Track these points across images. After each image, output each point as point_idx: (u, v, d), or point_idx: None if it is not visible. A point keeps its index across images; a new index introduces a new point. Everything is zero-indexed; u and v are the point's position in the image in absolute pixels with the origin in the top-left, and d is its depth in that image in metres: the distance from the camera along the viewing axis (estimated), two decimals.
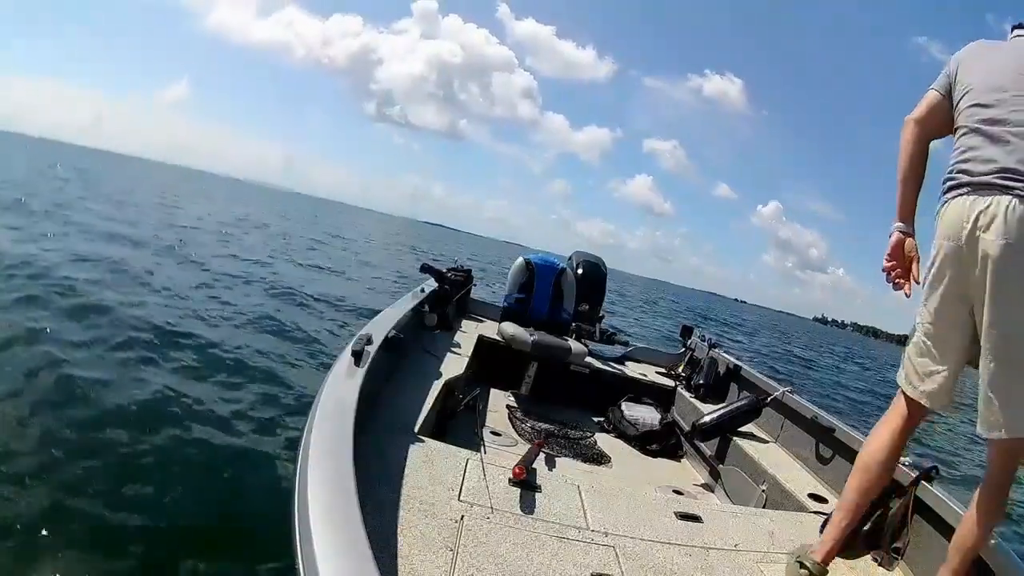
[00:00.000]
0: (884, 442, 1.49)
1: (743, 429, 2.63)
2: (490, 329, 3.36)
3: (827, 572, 1.43)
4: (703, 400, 3.07)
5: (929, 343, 1.41)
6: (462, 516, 1.34)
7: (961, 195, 1.32)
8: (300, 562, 0.84)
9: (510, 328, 3.04)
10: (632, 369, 3.48)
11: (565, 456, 2.42)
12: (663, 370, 3.59)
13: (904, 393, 1.49)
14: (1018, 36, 1.56)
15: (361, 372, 1.52)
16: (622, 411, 2.96)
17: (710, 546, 1.54)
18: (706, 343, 3.46)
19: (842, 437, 2.29)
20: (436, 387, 2.11)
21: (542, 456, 1.97)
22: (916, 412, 1.48)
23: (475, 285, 3.80)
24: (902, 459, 1.91)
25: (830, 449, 2.34)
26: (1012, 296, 1.22)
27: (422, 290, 3.09)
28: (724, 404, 2.78)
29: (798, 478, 2.25)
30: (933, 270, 1.37)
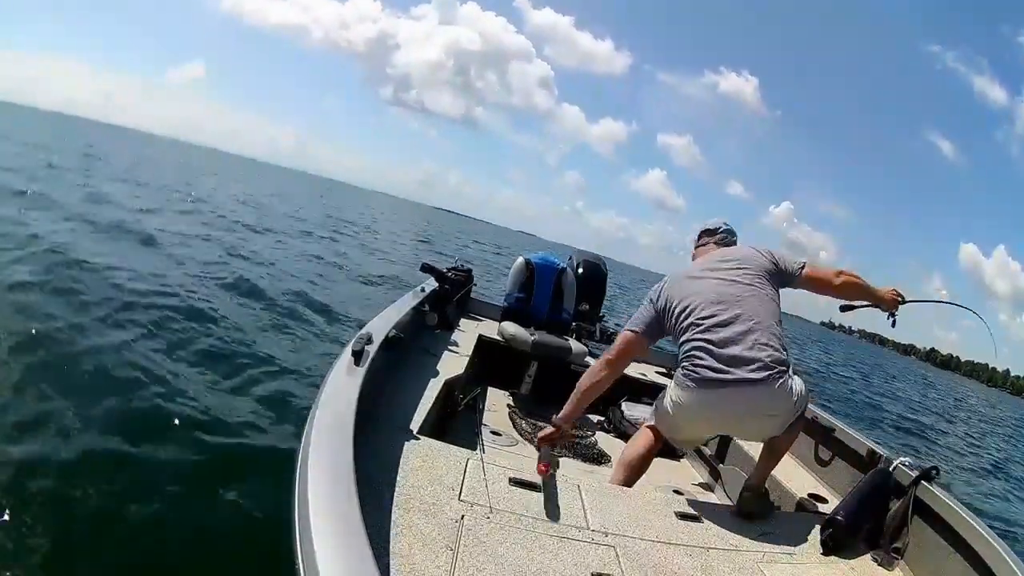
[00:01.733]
0: (641, 451, 1.95)
1: None
2: (490, 329, 3.36)
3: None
4: None
5: (679, 425, 1.89)
6: (462, 516, 1.34)
7: (711, 387, 1.74)
8: (300, 562, 0.84)
9: (510, 328, 3.04)
10: (632, 369, 3.48)
11: (565, 456, 2.42)
12: (663, 370, 3.59)
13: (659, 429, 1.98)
14: (707, 246, 2.11)
15: (361, 372, 1.52)
16: (622, 411, 2.96)
17: (710, 546, 1.54)
18: None
19: (842, 437, 2.29)
20: (436, 387, 2.12)
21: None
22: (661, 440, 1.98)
23: (475, 284, 3.80)
24: (901, 459, 1.91)
25: (830, 450, 2.34)
26: (753, 430, 1.90)
27: (422, 289, 3.08)
28: None
29: (798, 478, 2.25)
30: (691, 408, 1.82)
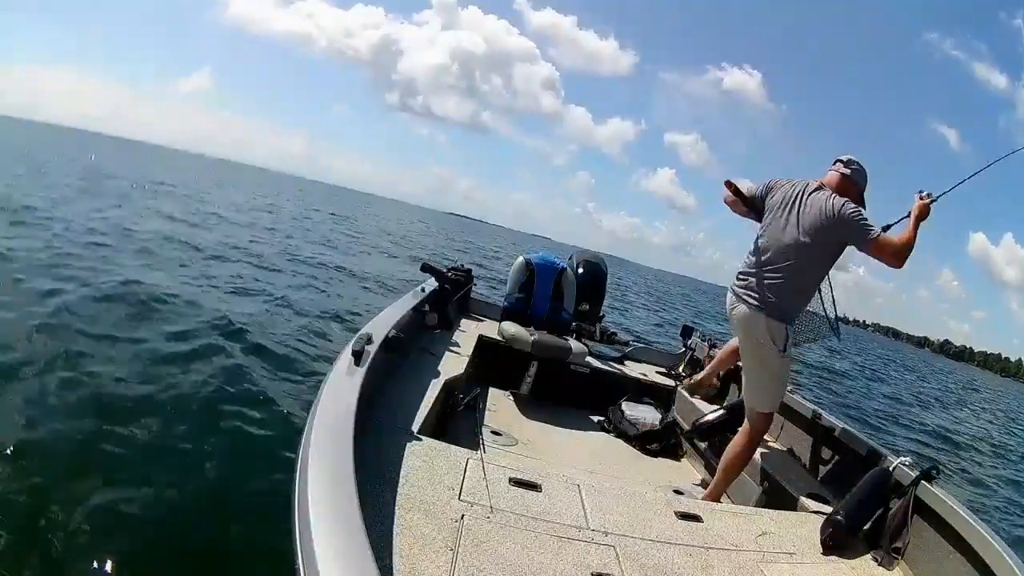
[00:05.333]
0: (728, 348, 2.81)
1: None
2: (490, 329, 3.36)
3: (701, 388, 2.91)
4: (703, 400, 3.07)
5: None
6: (462, 516, 1.34)
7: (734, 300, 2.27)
8: (300, 562, 0.84)
9: (510, 328, 3.04)
10: (632, 369, 3.48)
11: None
12: (663, 370, 3.59)
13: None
14: (829, 173, 2.21)
15: (361, 372, 1.52)
16: (622, 411, 2.96)
17: (710, 546, 1.54)
18: (706, 343, 3.46)
19: (842, 437, 2.29)
20: (436, 387, 2.11)
21: (542, 456, 1.96)
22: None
23: (475, 284, 3.80)
24: (901, 459, 1.91)
25: (830, 449, 2.34)
26: (745, 352, 2.33)
27: (422, 289, 3.08)
28: (724, 404, 2.78)
29: (798, 478, 2.25)
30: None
